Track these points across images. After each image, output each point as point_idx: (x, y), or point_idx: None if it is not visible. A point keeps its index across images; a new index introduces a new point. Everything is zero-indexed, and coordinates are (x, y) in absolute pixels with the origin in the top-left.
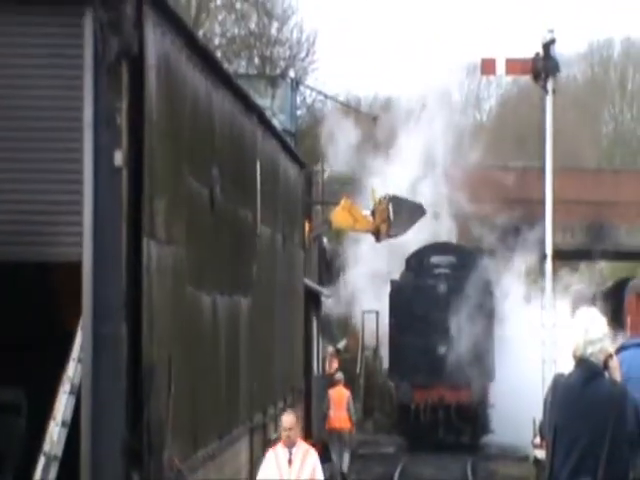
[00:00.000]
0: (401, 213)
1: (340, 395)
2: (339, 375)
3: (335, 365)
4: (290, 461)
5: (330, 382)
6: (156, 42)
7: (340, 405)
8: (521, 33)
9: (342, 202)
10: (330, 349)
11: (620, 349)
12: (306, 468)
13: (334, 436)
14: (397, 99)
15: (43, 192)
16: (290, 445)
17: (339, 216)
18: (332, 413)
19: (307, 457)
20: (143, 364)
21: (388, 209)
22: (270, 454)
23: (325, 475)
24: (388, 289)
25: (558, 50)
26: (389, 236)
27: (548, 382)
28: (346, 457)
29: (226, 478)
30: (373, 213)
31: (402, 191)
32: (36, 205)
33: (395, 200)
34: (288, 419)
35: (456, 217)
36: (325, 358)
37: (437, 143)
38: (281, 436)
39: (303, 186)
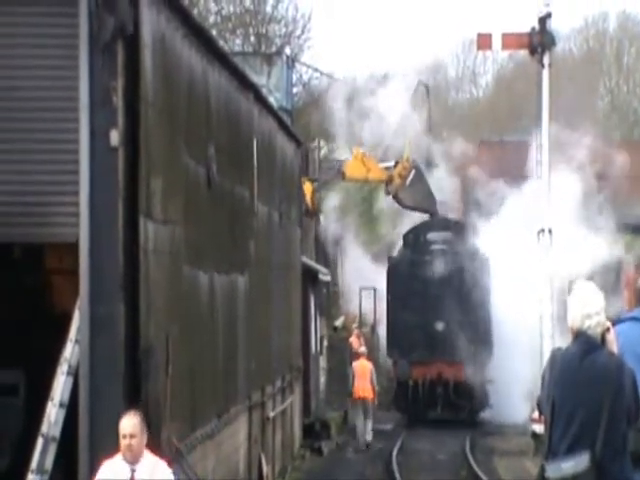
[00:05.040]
0: (416, 186)
1: (363, 367)
2: (363, 349)
3: (362, 342)
4: None
5: (354, 355)
6: (151, 20)
7: (363, 376)
8: (517, 8)
9: (354, 152)
10: (355, 329)
11: (616, 322)
12: None
13: (358, 405)
14: (393, 75)
15: (39, 173)
16: (132, 459)
17: (352, 166)
18: (356, 383)
19: (155, 474)
20: (141, 344)
21: (410, 170)
22: (105, 469)
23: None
24: (385, 266)
25: (554, 24)
26: (397, 197)
27: (546, 357)
28: (369, 425)
29: (224, 457)
30: (396, 163)
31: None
32: (32, 186)
33: (419, 171)
34: (128, 422)
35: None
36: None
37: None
38: (120, 446)
39: (300, 163)
